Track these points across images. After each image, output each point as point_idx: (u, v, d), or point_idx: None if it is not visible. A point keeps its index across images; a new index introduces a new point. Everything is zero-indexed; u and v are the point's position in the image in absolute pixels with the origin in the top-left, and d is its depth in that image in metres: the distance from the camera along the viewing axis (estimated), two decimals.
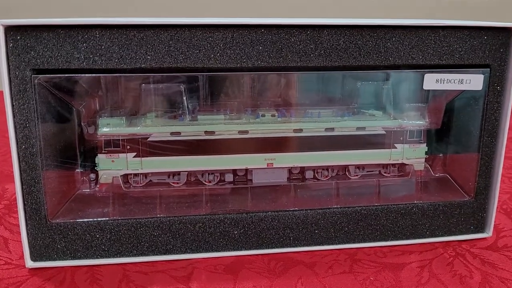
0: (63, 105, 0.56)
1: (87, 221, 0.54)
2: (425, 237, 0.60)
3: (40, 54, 0.49)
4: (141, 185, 0.60)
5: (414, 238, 0.60)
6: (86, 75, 0.51)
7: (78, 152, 0.58)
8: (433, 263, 0.56)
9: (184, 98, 0.57)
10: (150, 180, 0.60)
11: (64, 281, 0.52)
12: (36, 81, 0.49)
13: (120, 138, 0.56)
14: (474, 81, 0.57)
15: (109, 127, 0.56)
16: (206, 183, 0.61)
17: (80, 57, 0.49)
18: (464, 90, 0.58)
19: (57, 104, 0.55)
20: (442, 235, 0.61)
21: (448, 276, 0.54)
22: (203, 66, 0.51)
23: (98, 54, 0.49)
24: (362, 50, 0.53)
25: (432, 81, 0.56)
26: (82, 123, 0.56)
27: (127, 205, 0.57)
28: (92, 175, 0.60)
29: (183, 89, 0.57)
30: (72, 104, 0.56)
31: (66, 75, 0.51)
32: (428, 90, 0.60)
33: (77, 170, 0.59)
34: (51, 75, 0.50)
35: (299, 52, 0.52)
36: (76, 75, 0.51)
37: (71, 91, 0.55)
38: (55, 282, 0.52)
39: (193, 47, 0.50)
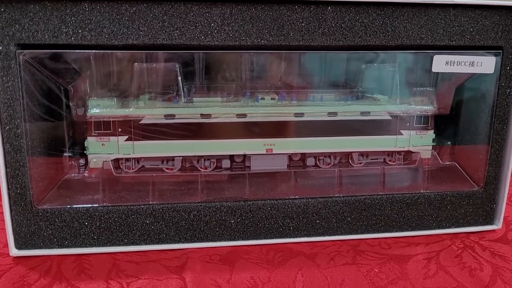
0: (51, 84, 0.53)
1: (76, 208, 0.52)
2: (431, 229, 0.58)
3: (26, 28, 0.46)
4: (133, 170, 0.57)
5: (420, 229, 0.58)
6: (75, 51, 0.48)
7: (67, 134, 0.56)
8: (440, 255, 0.54)
9: (179, 78, 0.55)
10: (143, 166, 0.58)
11: (49, 271, 0.49)
12: (21, 57, 0.47)
13: (111, 120, 0.54)
14: (485, 64, 0.54)
15: (99, 108, 0.54)
16: (202, 170, 0.58)
17: (68, 31, 0.46)
18: (475, 74, 0.55)
19: (44, 83, 0.52)
20: (449, 227, 0.59)
21: (456, 269, 0.51)
22: (199, 43, 0.48)
23: (87, 28, 0.47)
24: (368, 29, 0.51)
25: (442, 63, 0.54)
26: (70, 104, 0.54)
27: (118, 192, 0.55)
28: (82, 161, 0.57)
29: (178, 69, 0.54)
30: (60, 83, 0.54)
31: (53, 50, 0.48)
32: (437, 73, 0.58)
33: (65, 154, 0.56)
34: (37, 51, 0.48)
35: (301, 30, 0.50)
36: (64, 50, 0.48)
37: (59, 68, 0.52)
38: (40, 271, 0.49)
39: (189, 23, 0.48)
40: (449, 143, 0.63)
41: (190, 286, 0.47)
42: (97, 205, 0.52)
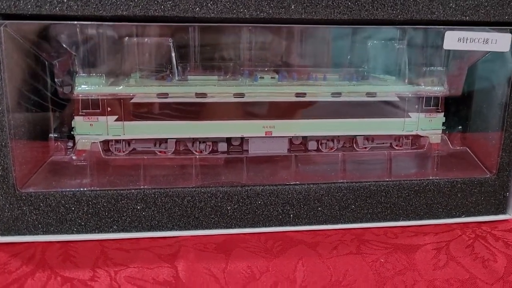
0: (35, 59, 0.50)
1: (62, 192, 0.49)
2: (440, 218, 0.56)
3: None
4: (123, 153, 0.54)
5: (429, 218, 0.56)
6: (60, 22, 0.46)
7: (53, 114, 0.53)
8: (450, 245, 0.51)
9: (173, 54, 0.52)
10: (134, 148, 0.55)
11: (32, 258, 0.47)
12: (1, 28, 0.44)
13: (100, 98, 0.51)
14: (500, 41, 0.51)
15: (87, 86, 0.51)
16: (197, 153, 0.56)
17: (53, 1, 0.43)
18: (489, 52, 0.53)
19: (28, 57, 0.49)
20: (459, 216, 0.56)
21: (468, 260, 0.48)
22: (194, 15, 0.46)
23: None
24: (376, 2, 0.48)
25: (454, 40, 0.51)
26: (55, 80, 0.51)
27: (107, 175, 0.52)
28: (70, 143, 0.54)
29: (171, 44, 0.52)
30: (45, 58, 0.51)
31: (36, 21, 0.45)
32: (448, 51, 0.55)
33: (50, 134, 0.53)
34: (19, 21, 0.44)
35: (304, 2, 0.47)
36: (48, 22, 0.46)
37: (44, 42, 0.50)
38: (22, 258, 0.46)
39: None
40: (460, 127, 0.61)
41: (182, 275, 0.45)
42: (84, 189, 0.50)
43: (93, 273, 0.45)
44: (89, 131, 0.52)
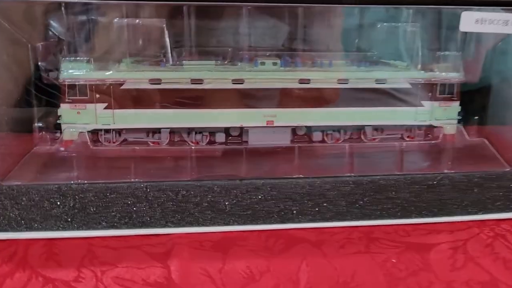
0: (18, 41, 0.48)
1: (46, 185, 0.47)
2: (455, 214, 0.53)
3: None
4: (113, 143, 0.52)
5: (443, 215, 0.53)
6: (44, 0, 0.44)
7: (37, 101, 0.51)
8: (468, 244, 0.48)
9: (166, 37, 0.50)
10: (125, 139, 0.53)
11: (14, 256, 0.44)
12: None
13: (88, 84, 0.49)
14: None
15: (74, 70, 0.49)
16: (192, 144, 0.54)
17: None
18: (509, 34, 0.51)
19: (10, 39, 0.47)
20: (476, 213, 0.53)
21: (488, 260, 0.45)
22: None
23: None
24: None
25: (471, 21, 0.48)
26: (39, 65, 0.49)
27: (95, 167, 0.51)
28: (58, 134, 0.52)
29: (164, 26, 0.49)
30: (28, 40, 0.49)
31: None
32: (465, 34, 0.53)
33: (35, 124, 0.51)
34: None
35: None
36: None
37: (26, 23, 0.48)
38: (2, 257, 0.44)
39: None
40: (476, 117, 0.58)
41: (175, 275, 0.42)
42: (71, 182, 0.47)
43: (77, 273, 0.42)
44: (77, 120, 0.50)
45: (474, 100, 0.57)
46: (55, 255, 0.45)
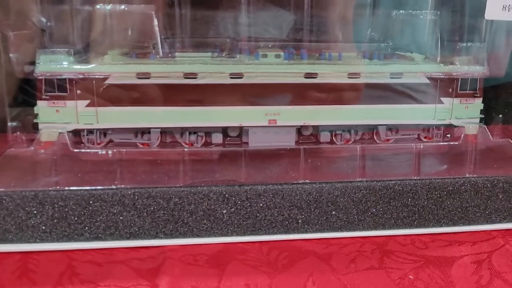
0: None
1: (22, 192, 0.44)
2: (478, 223, 0.51)
3: None
4: (97, 145, 0.50)
5: (464, 224, 0.51)
6: None
7: (11, 98, 0.48)
8: (492, 257, 0.45)
9: (156, 26, 0.47)
10: (111, 140, 0.50)
11: None
12: None
13: (67, 78, 0.46)
14: None
15: (51, 63, 0.45)
16: (186, 145, 0.52)
17: None
18: None
19: None
20: (500, 221, 0.51)
21: None
22: None
23: None
24: None
25: (497, 8, 0.46)
26: (11, 56, 0.46)
27: (77, 172, 0.47)
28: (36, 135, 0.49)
29: (153, 12, 0.46)
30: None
31: None
32: (491, 23, 0.51)
33: (8, 123, 0.49)
34: None
35: None
36: None
37: None
38: None
39: None
40: (501, 115, 0.56)
41: None
42: (49, 189, 0.44)
43: None
44: (56, 119, 0.47)
45: (498, 97, 0.55)
46: (30, 271, 0.41)
